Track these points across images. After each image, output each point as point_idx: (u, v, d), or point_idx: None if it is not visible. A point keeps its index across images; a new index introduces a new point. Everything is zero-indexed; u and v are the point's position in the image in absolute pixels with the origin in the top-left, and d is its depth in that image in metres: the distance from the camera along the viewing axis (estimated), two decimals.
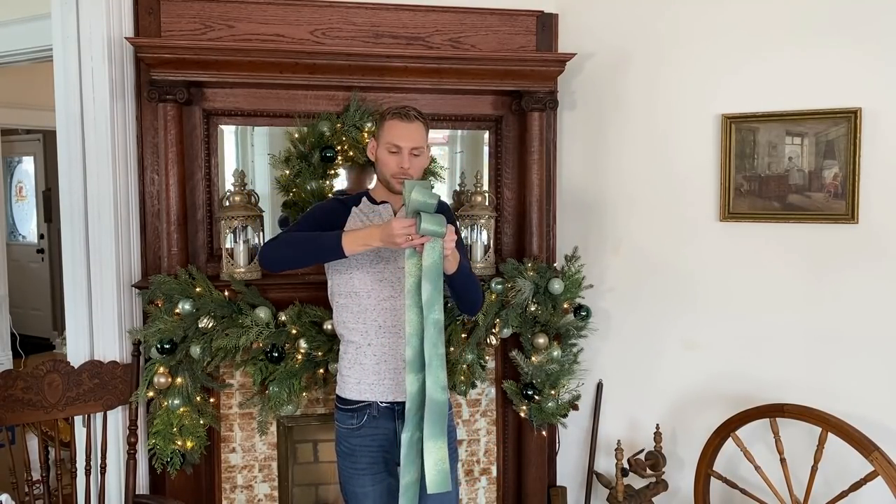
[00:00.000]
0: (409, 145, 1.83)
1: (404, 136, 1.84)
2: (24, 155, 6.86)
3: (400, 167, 1.84)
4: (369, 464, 1.88)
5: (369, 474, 1.88)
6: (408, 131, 1.84)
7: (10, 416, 2.10)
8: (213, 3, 2.39)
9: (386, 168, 1.87)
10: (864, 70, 2.25)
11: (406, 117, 1.85)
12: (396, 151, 1.84)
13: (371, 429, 1.87)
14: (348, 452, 1.90)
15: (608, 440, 2.73)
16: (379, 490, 1.89)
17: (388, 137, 1.85)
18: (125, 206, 2.35)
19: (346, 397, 1.90)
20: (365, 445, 1.88)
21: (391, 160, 1.85)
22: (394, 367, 1.85)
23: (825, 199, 2.32)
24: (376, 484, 1.88)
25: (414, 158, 1.85)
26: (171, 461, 2.24)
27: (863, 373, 2.30)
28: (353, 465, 1.89)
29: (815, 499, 2.22)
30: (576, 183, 2.75)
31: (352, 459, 1.89)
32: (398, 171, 1.84)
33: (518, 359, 2.46)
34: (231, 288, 2.27)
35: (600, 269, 2.71)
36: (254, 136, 2.56)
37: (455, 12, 2.55)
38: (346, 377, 1.90)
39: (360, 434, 1.88)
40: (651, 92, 2.59)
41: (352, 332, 1.88)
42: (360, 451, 1.88)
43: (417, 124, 1.86)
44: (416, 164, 1.86)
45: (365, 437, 1.87)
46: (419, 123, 1.86)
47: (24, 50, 2.70)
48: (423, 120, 1.88)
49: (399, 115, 1.86)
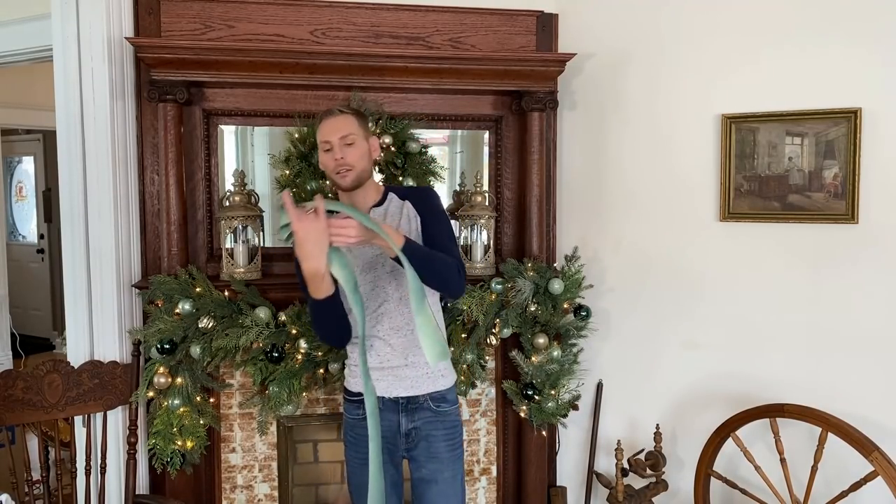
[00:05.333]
0: (335, 136, 1.79)
1: (330, 130, 1.80)
2: (24, 155, 6.86)
3: (335, 160, 1.80)
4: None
5: None
6: (332, 124, 1.81)
7: (10, 416, 2.10)
8: (213, 3, 2.39)
9: (327, 169, 1.84)
10: (863, 70, 2.25)
11: (330, 113, 1.83)
12: (329, 149, 1.81)
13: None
14: (354, 442, 1.92)
15: (608, 440, 2.73)
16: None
17: (319, 137, 1.83)
18: (125, 206, 2.35)
19: (352, 389, 1.91)
20: (368, 436, 1.88)
21: (327, 158, 1.82)
22: (396, 365, 1.85)
23: (825, 199, 2.32)
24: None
25: (347, 148, 1.79)
26: (171, 461, 2.24)
27: (863, 373, 2.30)
28: (357, 453, 1.91)
29: (815, 499, 2.22)
30: (576, 183, 2.75)
31: (356, 449, 1.91)
32: (334, 164, 1.81)
33: (518, 359, 2.47)
34: (231, 288, 2.27)
35: (600, 269, 2.71)
36: (254, 136, 2.56)
37: (455, 12, 2.55)
38: (353, 370, 1.91)
39: (365, 425, 1.86)
40: (651, 92, 2.59)
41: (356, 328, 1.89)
42: (365, 441, 1.87)
43: (343, 116, 1.82)
44: (352, 152, 1.80)
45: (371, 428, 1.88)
46: (346, 115, 1.82)
47: (24, 50, 2.70)
48: (350, 112, 1.84)
49: (324, 114, 1.85)
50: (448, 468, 1.89)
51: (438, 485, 1.87)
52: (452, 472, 1.90)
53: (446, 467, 1.88)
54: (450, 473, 1.89)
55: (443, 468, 1.88)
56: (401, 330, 1.85)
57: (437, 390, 1.89)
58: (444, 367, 1.91)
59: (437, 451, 1.88)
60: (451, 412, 1.91)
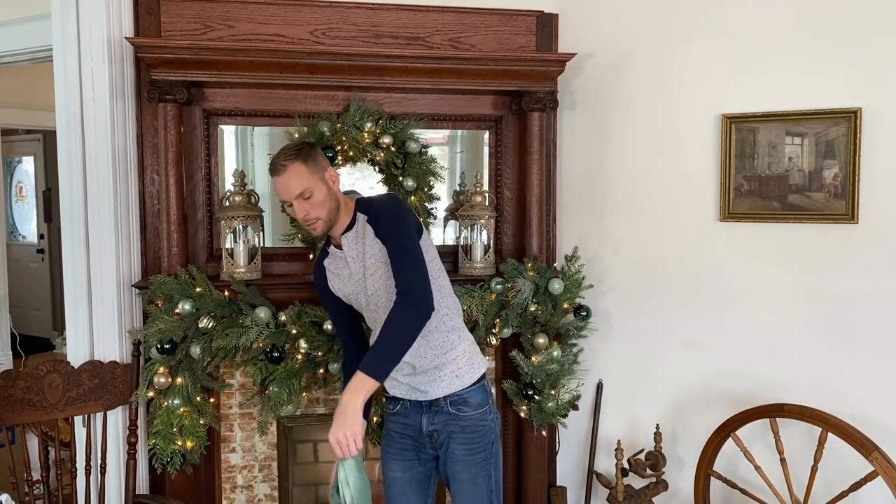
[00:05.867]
0: (290, 196, 1.75)
1: (283, 189, 1.76)
2: (24, 155, 6.87)
3: (301, 219, 1.78)
4: (400, 450, 1.92)
5: (400, 460, 1.92)
6: (282, 183, 1.76)
7: (10, 416, 2.10)
8: (213, 3, 2.39)
9: (297, 219, 1.83)
10: (863, 70, 2.25)
11: (275, 171, 1.76)
12: (290, 205, 1.78)
13: (403, 417, 1.91)
14: (385, 435, 1.97)
15: (608, 440, 2.73)
16: (408, 477, 1.92)
17: (277, 195, 1.81)
18: (125, 206, 2.35)
19: (384, 388, 1.92)
20: (397, 431, 1.92)
21: (293, 213, 1.80)
22: (407, 374, 1.85)
23: (825, 199, 2.32)
24: (405, 470, 1.92)
25: (307, 202, 1.74)
26: (171, 461, 2.24)
27: (863, 373, 2.30)
28: (388, 447, 1.95)
29: (815, 499, 2.22)
30: (576, 183, 2.75)
31: (387, 442, 1.96)
32: (302, 221, 1.79)
33: (518, 359, 2.46)
34: (231, 288, 2.27)
35: (600, 269, 2.71)
36: (254, 136, 2.56)
37: (455, 12, 2.55)
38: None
39: (394, 420, 1.93)
40: (651, 92, 2.59)
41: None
42: (394, 436, 1.93)
43: (291, 169, 1.74)
44: (314, 204, 1.75)
45: (398, 424, 1.92)
46: (293, 166, 1.74)
47: (24, 50, 2.70)
48: (296, 159, 1.75)
49: (271, 170, 1.78)
50: (465, 471, 1.85)
51: (458, 485, 1.87)
52: (471, 476, 1.85)
53: (463, 469, 1.86)
54: (467, 476, 1.85)
55: (459, 470, 1.86)
56: None
57: (454, 392, 1.84)
58: (458, 367, 1.85)
59: (455, 452, 1.86)
60: (472, 417, 1.85)
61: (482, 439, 1.87)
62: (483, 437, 1.87)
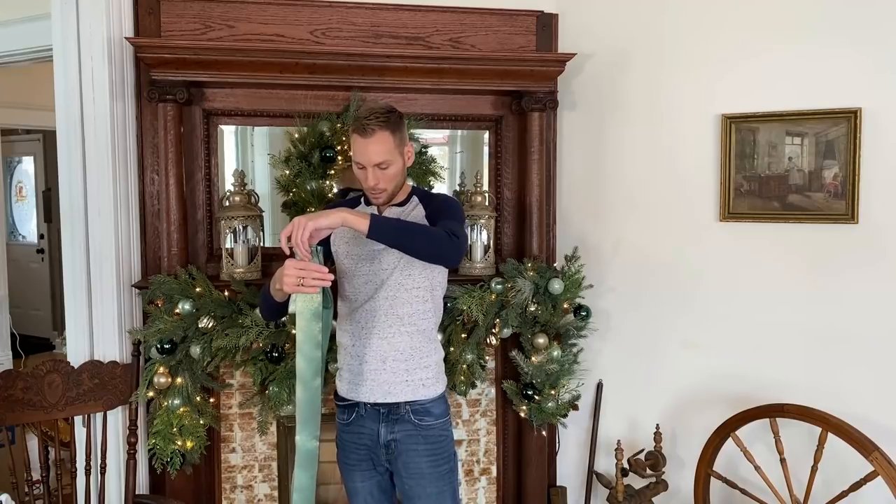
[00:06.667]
0: (370, 163, 1.73)
1: (363, 154, 1.72)
2: (24, 155, 6.87)
3: (368, 185, 1.76)
4: (357, 460, 1.88)
5: (358, 470, 1.89)
6: (366, 147, 1.71)
7: (10, 416, 2.10)
8: (213, 3, 2.39)
9: (360, 183, 1.80)
10: (863, 70, 2.25)
11: (363, 132, 1.70)
12: (362, 168, 1.75)
13: (358, 426, 1.87)
14: (341, 446, 1.93)
15: (608, 440, 2.73)
16: (369, 486, 1.89)
17: (353, 153, 1.76)
18: (125, 206, 2.35)
19: (339, 394, 1.91)
20: (352, 442, 1.88)
21: (361, 176, 1.77)
22: (374, 369, 1.81)
23: (825, 199, 2.32)
24: (365, 480, 1.89)
25: (381, 172, 1.74)
26: (171, 461, 2.24)
27: (863, 373, 2.30)
28: (345, 459, 1.91)
29: (815, 499, 2.22)
30: (576, 183, 2.75)
31: (344, 453, 1.91)
32: (368, 186, 1.77)
33: (518, 359, 2.46)
34: (231, 288, 2.27)
35: (600, 269, 2.71)
36: (254, 136, 2.56)
37: (455, 12, 2.55)
38: (340, 376, 1.91)
39: (349, 430, 1.89)
40: (651, 92, 2.59)
41: (342, 334, 1.89)
42: (349, 446, 1.89)
43: (378, 135, 1.70)
44: (386, 176, 1.75)
45: (353, 434, 1.88)
46: (381, 133, 1.70)
47: (24, 50, 2.70)
48: (386, 127, 1.71)
49: (357, 128, 1.72)
50: (432, 484, 1.82)
51: (422, 500, 1.83)
52: (438, 489, 1.83)
53: (430, 483, 1.82)
54: (434, 489, 1.82)
55: (425, 484, 1.82)
56: (383, 332, 1.81)
57: (417, 400, 1.81)
58: (427, 377, 1.83)
59: (419, 466, 1.82)
60: (434, 426, 1.83)
61: (445, 451, 1.86)
62: (446, 449, 1.87)
